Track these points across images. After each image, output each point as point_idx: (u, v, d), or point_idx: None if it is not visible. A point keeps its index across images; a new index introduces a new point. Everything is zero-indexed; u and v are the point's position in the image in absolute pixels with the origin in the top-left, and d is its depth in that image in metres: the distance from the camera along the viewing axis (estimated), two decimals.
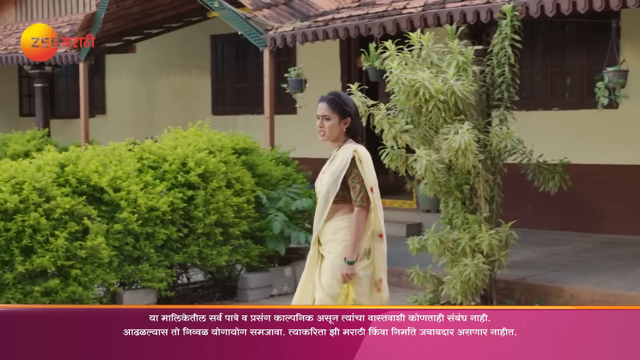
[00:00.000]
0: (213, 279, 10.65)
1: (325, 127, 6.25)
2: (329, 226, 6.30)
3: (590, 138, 13.13)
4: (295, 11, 13.18)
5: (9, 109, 22.26)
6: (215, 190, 9.94)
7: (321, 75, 15.20)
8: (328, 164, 6.35)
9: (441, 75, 8.97)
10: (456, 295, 9.30)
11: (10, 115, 22.11)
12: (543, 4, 9.60)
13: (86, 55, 15.65)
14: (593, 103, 10.13)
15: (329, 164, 6.34)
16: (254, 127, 14.99)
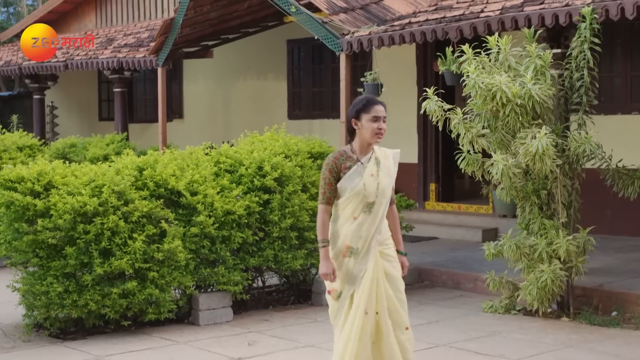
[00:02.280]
0: (288, 282, 10.68)
1: (384, 128, 6.19)
2: (385, 226, 6.25)
3: None
4: (372, 15, 13.17)
5: (89, 113, 22.62)
6: (291, 194, 9.97)
7: (397, 80, 15.18)
8: (368, 166, 6.13)
9: (518, 79, 8.91)
10: (532, 301, 9.22)
11: (89, 119, 22.47)
12: (623, 6, 9.45)
13: (164, 60, 15.84)
14: None
15: (374, 166, 6.14)
16: (330, 132, 15.03)
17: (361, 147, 6.18)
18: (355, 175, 6.08)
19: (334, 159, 6.13)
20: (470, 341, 8.47)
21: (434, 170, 15.69)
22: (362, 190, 6.06)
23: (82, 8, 21.03)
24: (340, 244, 6.12)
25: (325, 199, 6.12)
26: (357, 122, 6.15)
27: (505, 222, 13.51)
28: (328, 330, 9.02)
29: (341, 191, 6.11)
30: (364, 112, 6.12)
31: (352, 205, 6.09)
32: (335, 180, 6.10)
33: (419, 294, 10.82)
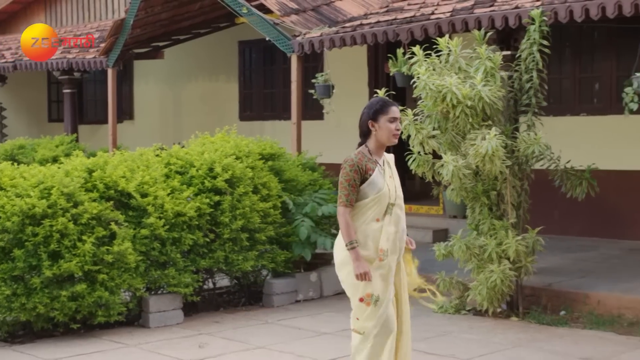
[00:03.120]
0: (239, 284, 10.66)
1: (400, 129, 6.18)
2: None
3: (619, 144, 13.05)
4: (323, 17, 13.18)
5: (38, 114, 22.41)
6: (242, 195, 9.95)
7: (348, 81, 15.21)
8: (385, 168, 6.13)
9: (469, 81, 8.96)
10: (482, 301, 9.28)
11: (39, 120, 22.26)
12: (572, 9, 9.56)
13: (115, 61, 15.73)
14: (621, 108, 10.07)
15: (388, 169, 6.15)
16: (281, 133, 15.01)
17: (377, 149, 6.12)
18: (379, 177, 6.03)
19: (359, 160, 6.02)
20: (420, 342, 8.49)
21: None
22: (387, 192, 6.03)
23: (32, 8, 20.81)
24: (374, 247, 6.03)
25: (349, 201, 6.00)
26: (374, 124, 6.07)
27: (455, 223, 13.59)
28: (279, 332, 9.03)
29: (364, 193, 6.02)
30: (382, 113, 6.07)
31: (375, 207, 6.01)
32: (360, 182, 6.00)
33: None
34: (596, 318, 9.14)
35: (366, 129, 6.12)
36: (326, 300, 10.65)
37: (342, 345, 8.40)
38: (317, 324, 9.40)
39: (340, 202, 6.02)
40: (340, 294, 10.84)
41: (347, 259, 6.06)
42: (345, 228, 6.00)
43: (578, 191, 9.63)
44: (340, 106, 13.97)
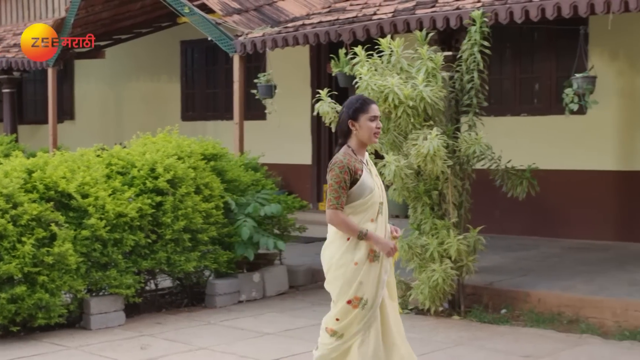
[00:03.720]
0: (181, 285, 10.61)
1: (380, 127, 6.00)
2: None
3: (559, 144, 13.21)
4: (266, 17, 13.16)
5: None
6: (184, 196, 9.91)
7: (291, 81, 15.21)
8: (370, 168, 5.99)
9: (410, 81, 9.00)
10: (424, 300, 9.33)
11: None
12: (512, 10, 9.65)
13: (55, 60, 15.56)
14: (561, 109, 10.20)
15: (372, 167, 6.02)
16: (224, 133, 14.97)
17: (358, 149, 5.94)
18: (368, 177, 5.87)
19: (348, 161, 5.80)
20: None
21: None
22: (377, 192, 5.90)
23: None
24: (365, 249, 5.85)
25: (340, 203, 5.78)
26: (354, 123, 5.89)
27: (397, 223, 13.50)
28: (222, 333, 9.00)
29: (356, 195, 5.83)
30: (362, 112, 5.89)
31: (370, 208, 5.86)
32: (351, 183, 5.79)
33: (312, 295, 10.84)
34: (537, 316, 9.23)
35: (346, 129, 5.93)
36: (269, 300, 10.64)
37: (285, 346, 8.40)
38: (260, 324, 9.38)
39: (330, 205, 5.81)
40: (283, 294, 10.87)
41: (338, 262, 5.90)
42: (345, 226, 5.81)
43: (519, 191, 9.72)
44: (283, 106, 13.96)
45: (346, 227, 5.82)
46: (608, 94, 12.42)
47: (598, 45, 12.69)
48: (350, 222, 5.80)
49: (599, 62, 12.10)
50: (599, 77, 10.56)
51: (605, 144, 12.95)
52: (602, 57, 12.67)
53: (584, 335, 8.64)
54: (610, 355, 7.91)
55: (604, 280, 10.06)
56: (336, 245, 5.94)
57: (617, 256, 11.67)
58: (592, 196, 13.05)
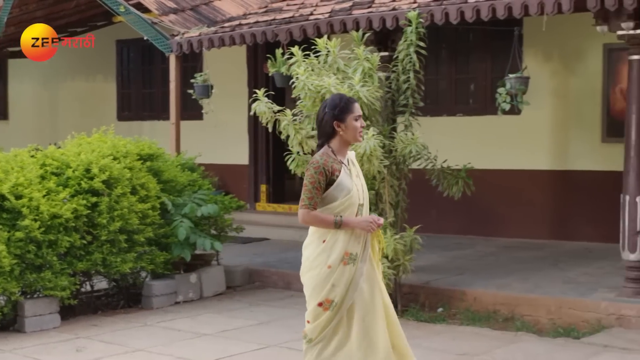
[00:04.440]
0: (117, 286, 10.52)
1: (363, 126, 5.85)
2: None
3: (494, 143, 13.34)
4: (202, 16, 13.11)
5: None
6: (120, 196, 9.82)
7: (228, 81, 15.16)
8: (351, 168, 5.79)
9: (347, 81, 9.02)
10: None
11: None
12: (447, 11, 9.73)
13: None
14: (496, 109, 10.30)
15: (353, 168, 5.82)
16: (160, 133, 14.87)
17: (340, 149, 5.75)
18: (346, 178, 5.67)
19: (324, 162, 5.61)
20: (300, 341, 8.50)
21: (264, 172, 15.76)
22: (356, 193, 5.69)
23: None
24: (339, 252, 5.66)
25: (313, 204, 5.61)
26: (340, 124, 5.68)
27: None
28: (158, 334, 8.95)
29: (333, 196, 5.65)
30: (348, 112, 5.69)
31: (346, 210, 5.66)
32: (326, 185, 5.62)
33: (250, 295, 10.84)
34: (473, 314, 9.32)
35: (330, 130, 5.70)
36: (206, 301, 10.60)
37: (223, 346, 8.38)
38: (197, 325, 9.34)
39: (302, 204, 5.65)
40: (220, 295, 10.84)
41: (312, 264, 5.77)
42: (318, 221, 5.65)
43: (454, 190, 9.80)
44: (220, 106, 13.91)
45: (320, 222, 5.67)
46: (542, 94, 12.58)
47: (532, 46, 12.84)
48: (322, 215, 5.63)
49: (533, 62, 12.25)
50: (533, 77, 10.68)
51: (540, 143, 13.11)
52: (536, 57, 12.83)
53: (519, 332, 8.74)
54: (545, 352, 8.01)
55: (538, 279, 10.18)
56: (312, 247, 5.80)
57: (552, 255, 11.82)
58: (527, 195, 13.20)
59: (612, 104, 12.54)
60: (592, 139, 12.72)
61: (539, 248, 12.41)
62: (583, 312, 8.95)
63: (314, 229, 5.81)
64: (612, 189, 10.34)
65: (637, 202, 8.96)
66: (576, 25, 11.63)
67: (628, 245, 9.03)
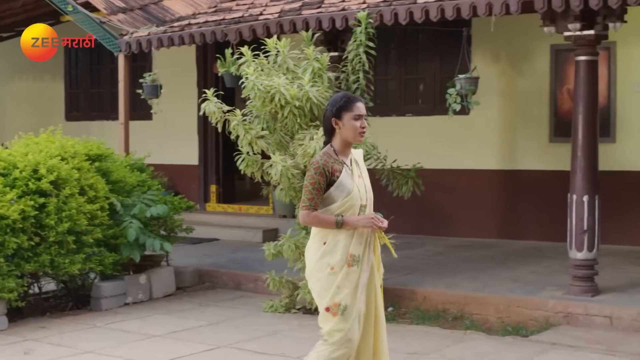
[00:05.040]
0: (66, 288, 10.43)
1: (366, 127, 5.74)
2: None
3: (443, 143, 13.41)
4: (151, 16, 13.04)
5: None
6: (68, 197, 9.74)
7: (177, 81, 15.11)
8: (353, 168, 5.71)
9: (297, 82, 9.04)
10: (312, 299, 9.34)
11: None
12: (397, 11, 9.77)
13: None
14: (445, 109, 10.36)
15: (356, 168, 5.74)
16: (109, 133, 14.76)
17: (342, 148, 5.70)
18: (347, 178, 5.61)
19: (325, 162, 5.57)
20: (250, 341, 8.52)
21: (214, 172, 15.72)
22: (357, 194, 5.62)
23: None
24: (342, 253, 5.60)
25: (313, 205, 5.55)
26: (337, 122, 5.64)
27: (285, 223, 13.67)
28: (108, 336, 8.89)
29: (334, 197, 5.59)
30: (346, 110, 5.64)
31: (347, 211, 5.59)
32: (326, 185, 5.57)
33: (200, 296, 10.81)
34: (422, 313, 9.36)
35: (330, 128, 5.69)
36: (156, 302, 10.54)
37: (173, 347, 8.35)
38: (146, 326, 9.29)
39: (302, 206, 5.59)
40: (170, 295, 10.79)
41: (314, 267, 5.67)
42: (319, 221, 5.60)
43: (404, 190, 9.85)
44: (169, 106, 13.86)
45: (320, 222, 5.60)
46: (490, 95, 12.67)
47: (481, 46, 12.94)
48: (323, 216, 5.57)
49: (481, 63, 12.35)
50: (482, 77, 10.76)
51: (488, 143, 13.21)
52: (484, 58, 12.93)
53: (469, 331, 8.80)
54: (493, 351, 8.07)
55: (487, 278, 10.26)
56: (313, 250, 5.72)
57: (500, 254, 11.92)
58: (476, 195, 13.29)
59: (559, 104, 12.67)
60: (539, 139, 12.84)
61: (488, 247, 12.51)
62: (531, 311, 9.04)
63: (316, 231, 5.72)
64: (560, 188, 10.44)
65: (584, 201, 9.07)
66: (524, 26, 11.75)
67: (575, 244, 9.14)
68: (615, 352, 7.84)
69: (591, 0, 8.49)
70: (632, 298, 9.03)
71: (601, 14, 8.87)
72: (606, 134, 11.93)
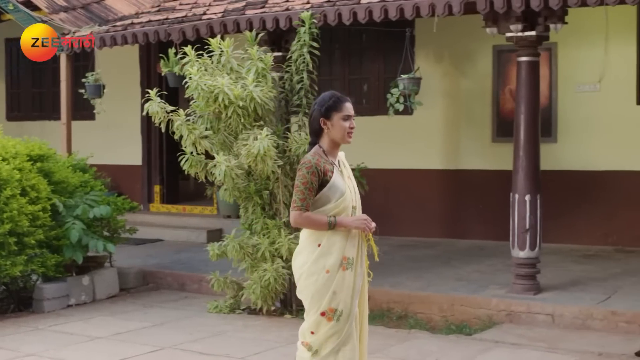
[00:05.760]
0: (7, 290, 10.30)
1: (354, 127, 5.58)
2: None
3: (387, 143, 13.47)
4: (94, 15, 12.94)
5: None
6: (9, 198, 9.62)
7: (120, 81, 15.00)
8: (342, 169, 5.59)
9: (240, 82, 9.03)
10: (256, 300, 9.36)
11: None
12: (340, 12, 9.79)
13: None
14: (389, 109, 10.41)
15: (344, 169, 5.62)
16: (51, 134, 14.61)
17: (330, 149, 5.52)
18: (339, 179, 5.45)
19: (317, 162, 5.37)
20: (195, 342, 8.49)
21: (158, 172, 15.64)
22: (349, 195, 5.47)
23: None
24: (337, 256, 5.40)
25: (305, 205, 5.34)
26: (326, 122, 5.46)
27: (229, 223, 13.64)
28: (50, 338, 8.81)
29: (326, 197, 5.40)
30: (336, 110, 5.48)
31: (341, 213, 5.42)
32: (319, 185, 5.37)
33: (144, 297, 10.75)
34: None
35: (318, 128, 5.50)
36: (99, 304, 10.46)
37: (116, 350, 8.29)
38: (89, 328, 9.22)
39: (294, 206, 5.38)
40: (114, 297, 10.72)
41: (309, 270, 5.46)
42: (311, 222, 5.39)
43: None
44: (112, 106, 13.76)
45: (313, 223, 5.40)
46: (433, 95, 12.76)
47: (424, 47, 13.01)
48: (316, 216, 5.37)
49: (424, 63, 12.43)
50: (425, 78, 10.83)
51: (432, 143, 13.29)
52: (427, 58, 13.00)
53: (413, 330, 8.84)
54: (437, 349, 8.12)
55: (431, 277, 10.33)
56: (307, 253, 5.49)
57: (444, 253, 12.01)
58: (420, 195, 13.37)
59: (501, 104, 12.79)
60: (482, 138, 12.95)
61: (432, 246, 12.59)
62: (475, 309, 9.11)
63: (307, 234, 5.51)
64: (503, 188, 10.54)
65: (526, 200, 9.16)
66: (467, 27, 11.84)
67: (517, 243, 9.24)
68: (557, 349, 7.93)
69: (532, 1, 8.58)
70: (573, 296, 9.14)
71: (542, 15, 8.97)
72: (548, 134, 12.07)
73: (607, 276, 10.11)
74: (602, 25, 11.66)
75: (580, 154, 12.25)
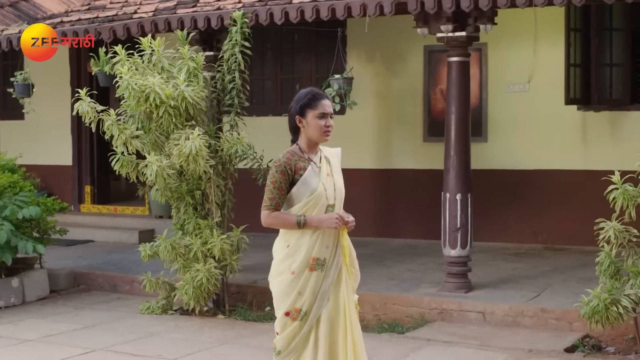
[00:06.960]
0: None
1: (332, 125, 5.46)
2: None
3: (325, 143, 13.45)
4: (22, 13, 12.78)
5: None
6: None
7: (50, 80, 14.82)
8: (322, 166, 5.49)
9: (172, 81, 8.99)
10: (189, 300, 9.33)
11: None
12: (272, 11, 9.78)
13: None
14: None
15: (326, 166, 5.52)
16: None
17: (308, 147, 5.44)
18: (313, 176, 5.36)
19: (286, 160, 5.31)
20: (127, 344, 8.42)
21: (89, 172, 15.47)
22: (322, 192, 5.37)
23: None
24: (304, 257, 5.34)
25: (275, 205, 5.29)
26: (301, 120, 5.39)
27: (161, 223, 13.56)
28: None
29: (297, 196, 5.33)
30: (310, 108, 5.39)
31: (312, 211, 5.34)
32: (289, 184, 5.31)
33: (75, 299, 10.64)
34: None
35: (294, 125, 5.46)
36: (29, 306, 10.33)
37: (47, 352, 8.20)
38: (19, 331, 9.10)
39: (264, 206, 5.33)
40: (44, 299, 10.60)
41: (275, 270, 5.49)
42: (280, 221, 5.34)
43: None
44: (41, 106, 13.60)
45: (281, 223, 5.36)
46: (365, 95, 12.80)
47: (356, 47, 13.06)
48: (284, 216, 5.33)
49: (356, 63, 12.47)
50: (357, 78, 10.86)
51: (364, 143, 13.34)
52: (359, 58, 13.05)
53: None
54: (370, 348, 8.08)
55: (364, 276, 10.19)
56: (277, 253, 5.52)
57: (377, 252, 12.04)
58: (352, 194, 13.23)
59: (433, 104, 12.88)
60: (414, 138, 13.03)
61: (364, 246, 12.56)
62: (407, 308, 9.17)
63: (282, 232, 5.48)
64: (434, 187, 10.61)
65: (457, 199, 9.25)
66: (398, 27, 11.90)
67: (449, 242, 9.32)
68: (488, 346, 8.02)
69: (462, 2, 8.66)
70: (504, 294, 9.24)
71: (472, 16, 9.06)
72: (478, 134, 12.17)
73: (536, 274, 10.23)
74: (531, 26, 11.82)
75: (510, 153, 12.39)
